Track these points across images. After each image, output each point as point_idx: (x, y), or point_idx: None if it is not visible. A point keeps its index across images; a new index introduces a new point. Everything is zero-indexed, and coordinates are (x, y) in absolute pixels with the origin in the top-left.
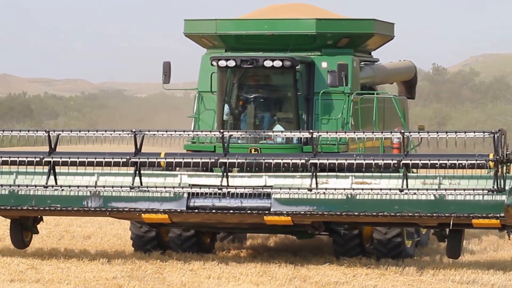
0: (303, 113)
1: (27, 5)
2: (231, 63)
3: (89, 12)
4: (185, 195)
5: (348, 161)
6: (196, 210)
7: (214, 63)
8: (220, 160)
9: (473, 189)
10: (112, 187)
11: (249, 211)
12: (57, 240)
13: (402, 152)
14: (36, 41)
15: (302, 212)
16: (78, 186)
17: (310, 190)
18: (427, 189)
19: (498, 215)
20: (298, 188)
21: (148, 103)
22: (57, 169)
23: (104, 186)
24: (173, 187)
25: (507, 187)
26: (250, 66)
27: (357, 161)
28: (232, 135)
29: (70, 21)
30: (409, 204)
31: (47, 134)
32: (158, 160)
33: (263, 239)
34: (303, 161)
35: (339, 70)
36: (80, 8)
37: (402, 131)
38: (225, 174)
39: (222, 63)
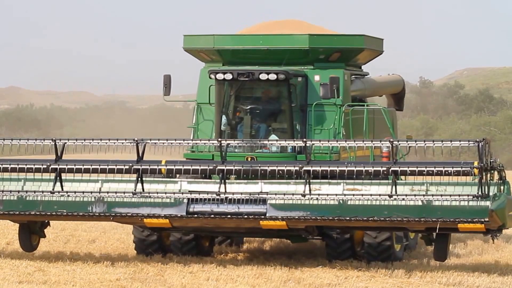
0: (297, 123)
1: (35, 19)
2: (228, 76)
3: (93, 28)
4: (185, 201)
5: (339, 168)
6: (196, 215)
7: (212, 76)
8: (218, 168)
9: (459, 195)
10: (116, 193)
11: (245, 216)
12: (63, 244)
13: (391, 160)
14: (43, 54)
15: (296, 217)
16: (83, 192)
17: (304, 196)
18: (415, 195)
19: (482, 220)
20: (293, 194)
21: (149, 114)
22: (63, 176)
23: (108, 192)
24: (174, 193)
25: (491, 193)
26: (246, 79)
27: (348, 168)
28: (229, 144)
29: (75, 36)
30: (398, 209)
31: (53, 143)
32: (159, 167)
33: (259, 242)
34: (297, 168)
35: (331, 83)
36: (84, 24)
37: (391, 140)
38: (223, 181)
39: (220, 76)
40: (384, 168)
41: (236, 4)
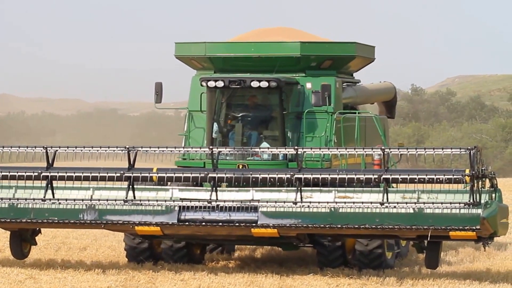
0: (289, 131)
1: (25, 26)
2: (220, 84)
3: (86, 35)
4: (176, 208)
5: (331, 176)
6: (187, 223)
7: (204, 83)
8: (210, 175)
9: (450, 203)
10: (107, 200)
11: (237, 224)
12: (55, 252)
13: (383, 168)
14: (34, 61)
15: (288, 225)
16: (74, 200)
17: (295, 203)
18: (406, 203)
19: (474, 228)
20: (284, 202)
21: (141, 122)
22: (55, 183)
23: (99, 200)
24: (165, 201)
25: (482, 201)
26: (238, 86)
27: (340, 176)
28: (221, 151)
29: (68, 43)
30: (389, 217)
31: (45, 151)
32: (151, 175)
33: (250, 250)
34: (288, 176)
35: (322, 90)
36: (78, 32)
37: (383, 147)
38: (214, 188)
39: (211, 83)
40: (376, 176)
41: (228, 12)
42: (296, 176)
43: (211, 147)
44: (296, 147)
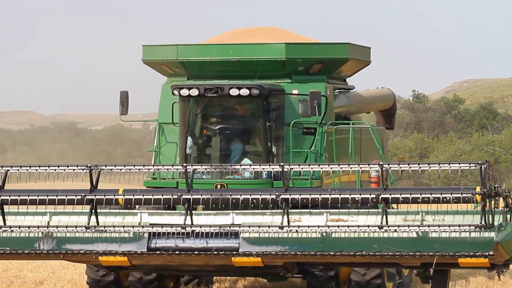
0: (273, 145)
1: None
2: (194, 92)
3: (39, 38)
4: (146, 235)
5: (322, 196)
6: (158, 252)
7: (176, 92)
8: (183, 197)
9: (459, 225)
10: (66, 227)
11: (215, 252)
12: (6, 287)
13: (381, 186)
14: None
15: (273, 252)
16: (29, 227)
17: (282, 228)
18: (408, 226)
19: (486, 254)
20: (269, 226)
21: (104, 136)
22: (6, 208)
23: (57, 227)
24: (133, 227)
25: (495, 223)
26: (215, 95)
27: (332, 196)
28: (196, 169)
29: (18, 49)
30: (389, 243)
31: None
32: (116, 197)
33: (231, 282)
34: (273, 196)
35: (311, 98)
36: (29, 35)
37: (381, 163)
38: (189, 212)
39: (184, 92)
40: (373, 196)
41: (203, 11)
42: (282, 196)
43: (184, 164)
44: (281, 164)
